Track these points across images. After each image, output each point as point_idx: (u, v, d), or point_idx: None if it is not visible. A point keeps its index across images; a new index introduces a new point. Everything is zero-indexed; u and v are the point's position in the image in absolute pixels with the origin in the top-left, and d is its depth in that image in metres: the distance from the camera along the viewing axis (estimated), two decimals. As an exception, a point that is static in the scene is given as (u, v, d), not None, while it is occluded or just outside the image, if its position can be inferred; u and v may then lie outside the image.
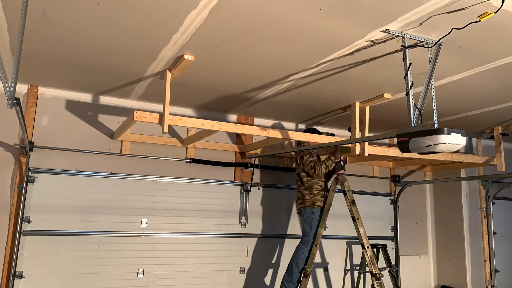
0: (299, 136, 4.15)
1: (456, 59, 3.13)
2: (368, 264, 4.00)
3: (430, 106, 2.94)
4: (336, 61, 3.22)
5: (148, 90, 4.12)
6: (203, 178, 4.76)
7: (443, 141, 2.49)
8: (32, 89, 4.14)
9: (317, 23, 2.60)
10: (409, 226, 5.99)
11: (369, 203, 5.64)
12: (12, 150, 4.05)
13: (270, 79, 3.71)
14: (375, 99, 4.11)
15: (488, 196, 5.76)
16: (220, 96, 4.28)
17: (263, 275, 4.93)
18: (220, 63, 3.35)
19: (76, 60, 3.38)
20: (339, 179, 4.21)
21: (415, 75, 3.28)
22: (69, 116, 4.29)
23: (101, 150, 4.36)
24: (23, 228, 3.93)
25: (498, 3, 2.25)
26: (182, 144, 4.66)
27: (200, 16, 2.54)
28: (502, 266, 5.82)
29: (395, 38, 2.77)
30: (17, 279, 3.85)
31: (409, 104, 2.75)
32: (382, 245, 5.14)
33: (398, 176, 5.96)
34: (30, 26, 2.71)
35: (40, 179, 4.06)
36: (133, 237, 4.35)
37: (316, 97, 4.19)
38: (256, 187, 4.98)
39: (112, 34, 2.85)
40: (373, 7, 2.39)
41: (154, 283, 4.38)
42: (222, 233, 4.76)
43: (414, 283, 5.89)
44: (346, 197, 4.15)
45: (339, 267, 5.41)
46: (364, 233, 4.05)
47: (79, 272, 4.09)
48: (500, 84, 3.64)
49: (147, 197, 4.46)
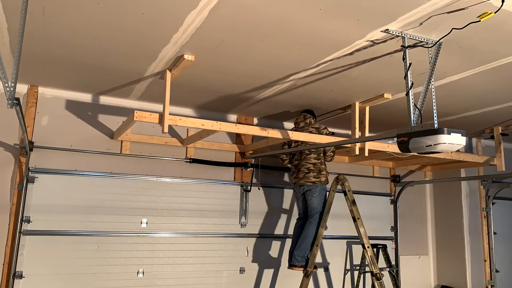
0: (299, 136, 4.14)
1: (456, 59, 3.13)
2: (369, 264, 4.00)
3: (430, 106, 2.94)
4: (336, 61, 3.22)
5: (148, 90, 4.12)
6: (203, 178, 4.76)
7: (443, 141, 2.49)
8: (32, 89, 4.14)
9: (317, 23, 2.60)
10: (409, 226, 5.99)
11: (369, 203, 5.64)
12: (12, 150, 4.05)
13: (270, 79, 3.71)
14: (375, 99, 4.11)
15: (488, 196, 5.76)
16: (220, 96, 4.28)
17: (263, 275, 4.93)
18: (220, 63, 3.35)
19: (76, 60, 3.38)
20: (340, 179, 4.21)
21: (415, 75, 3.29)
22: (69, 116, 4.29)
23: (101, 150, 4.36)
24: (23, 228, 3.93)
25: (498, 3, 2.25)
26: (182, 144, 4.66)
27: (200, 16, 2.55)
28: (502, 266, 5.82)
29: (395, 38, 2.77)
30: (17, 279, 3.85)
31: (409, 104, 2.75)
32: (382, 245, 5.14)
33: (398, 176, 5.96)
34: (30, 26, 2.71)
35: (40, 179, 4.06)
36: (133, 237, 4.35)
37: (316, 97, 4.19)
38: (256, 187, 4.98)
39: (112, 34, 2.85)
40: (373, 7, 2.39)
41: (154, 283, 4.38)
42: (222, 233, 4.76)
43: (414, 283, 5.89)
44: (347, 197, 4.15)
45: (339, 267, 5.41)
46: (364, 233, 4.06)
47: (79, 272, 4.09)
48: (500, 84, 3.64)
49: (147, 197, 4.47)
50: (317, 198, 4.30)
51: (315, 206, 4.31)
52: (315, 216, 4.30)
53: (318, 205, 4.30)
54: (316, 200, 4.30)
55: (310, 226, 4.29)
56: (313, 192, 4.30)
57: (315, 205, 4.31)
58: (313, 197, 4.31)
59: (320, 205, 4.30)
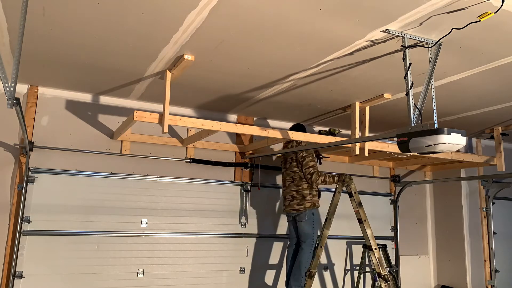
0: (299, 136, 4.14)
1: (456, 59, 3.13)
2: (375, 265, 3.93)
3: (430, 106, 2.94)
4: (336, 61, 3.22)
5: (148, 90, 4.12)
6: (203, 178, 4.76)
7: (443, 141, 2.49)
8: (32, 89, 4.14)
9: (317, 23, 2.60)
10: (409, 226, 5.99)
11: (369, 203, 5.63)
12: (12, 150, 4.05)
13: (270, 79, 3.71)
14: (375, 99, 4.11)
15: (488, 196, 5.76)
16: (220, 96, 4.28)
17: (263, 275, 4.93)
18: (220, 63, 3.35)
19: (76, 60, 3.38)
20: (345, 181, 4.17)
21: (415, 75, 3.29)
22: (69, 116, 4.29)
23: (101, 150, 4.36)
24: (23, 228, 3.93)
25: (498, 3, 2.25)
26: (182, 144, 4.66)
27: (200, 16, 2.55)
28: (502, 266, 5.82)
29: (395, 38, 2.77)
30: (17, 279, 3.85)
31: (409, 104, 2.75)
32: (382, 245, 5.15)
33: (398, 176, 5.96)
34: (30, 26, 2.71)
35: (40, 179, 4.06)
36: (133, 237, 4.35)
37: (316, 97, 4.19)
38: (256, 187, 4.98)
39: (112, 34, 2.85)
40: (373, 7, 2.39)
41: (154, 283, 4.38)
42: (222, 233, 4.76)
43: (414, 283, 5.89)
44: (352, 199, 4.09)
45: (339, 267, 5.41)
46: (371, 235, 3.97)
47: (79, 272, 4.10)
48: (500, 84, 3.64)
49: (147, 197, 4.47)
50: (306, 223, 4.25)
51: (305, 231, 4.25)
52: (307, 242, 4.23)
53: (308, 231, 4.24)
54: (305, 225, 4.26)
55: (303, 253, 4.23)
56: (302, 218, 4.27)
57: (305, 231, 4.26)
58: (302, 222, 4.27)
59: (311, 230, 4.23)
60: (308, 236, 4.25)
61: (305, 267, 4.20)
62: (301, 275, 4.20)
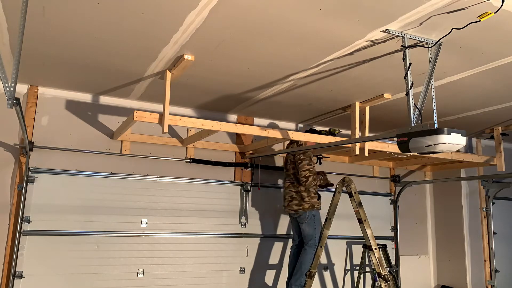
0: (299, 136, 4.15)
1: (456, 59, 3.13)
2: (376, 266, 3.94)
3: (430, 106, 2.94)
4: (336, 61, 3.22)
5: (148, 90, 4.12)
6: (203, 178, 4.76)
7: (443, 141, 2.49)
8: (32, 89, 4.14)
9: (317, 23, 2.60)
10: (409, 226, 5.99)
11: (369, 203, 5.62)
12: (12, 150, 4.05)
13: (270, 79, 3.71)
14: (375, 99, 4.11)
15: (488, 196, 5.76)
16: (220, 96, 4.28)
17: (263, 275, 4.93)
18: (220, 63, 3.35)
19: (76, 60, 3.38)
20: (346, 181, 4.18)
21: (415, 75, 3.29)
22: (69, 116, 4.29)
23: (101, 150, 4.36)
24: (23, 228, 3.93)
25: (498, 3, 2.25)
26: (182, 144, 4.66)
27: (200, 16, 2.54)
28: (502, 266, 5.82)
29: (395, 38, 2.77)
30: (17, 279, 3.85)
31: (409, 104, 2.75)
32: (382, 245, 5.15)
33: (398, 176, 5.96)
34: (30, 26, 2.71)
35: (40, 179, 4.06)
36: (133, 237, 4.35)
37: (316, 97, 4.19)
38: (256, 187, 4.98)
39: (112, 34, 2.85)
40: (373, 7, 2.39)
41: (154, 283, 4.38)
42: (222, 233, 4.76)
43: (414, 283, 5.89)
44: (353, 199, 4.10)
45: (339, 267, 5.41)
46: (371, 235, 3.99)
47: (79, 272, 4.09)
48: (500, 84, 3.64)
49: (147, 197, 4.46)
50: (307, 225, 4.25)
51: (308, 233, 4.26)
52: (310, 243, 4.23)
53: (310, 232, 4.24)
54: (307, 227, 4.26)
55: (306, 253, 4.24)
56: (303, 219, 4.27)
57: (307, 232, 4.26)
58: (304, 223, 4.27)
59: (312, 231, 4.23)
60: (310, 238, 4.25)
61: (306, 268, 4.21)
62: (302, 275, 4.21)
